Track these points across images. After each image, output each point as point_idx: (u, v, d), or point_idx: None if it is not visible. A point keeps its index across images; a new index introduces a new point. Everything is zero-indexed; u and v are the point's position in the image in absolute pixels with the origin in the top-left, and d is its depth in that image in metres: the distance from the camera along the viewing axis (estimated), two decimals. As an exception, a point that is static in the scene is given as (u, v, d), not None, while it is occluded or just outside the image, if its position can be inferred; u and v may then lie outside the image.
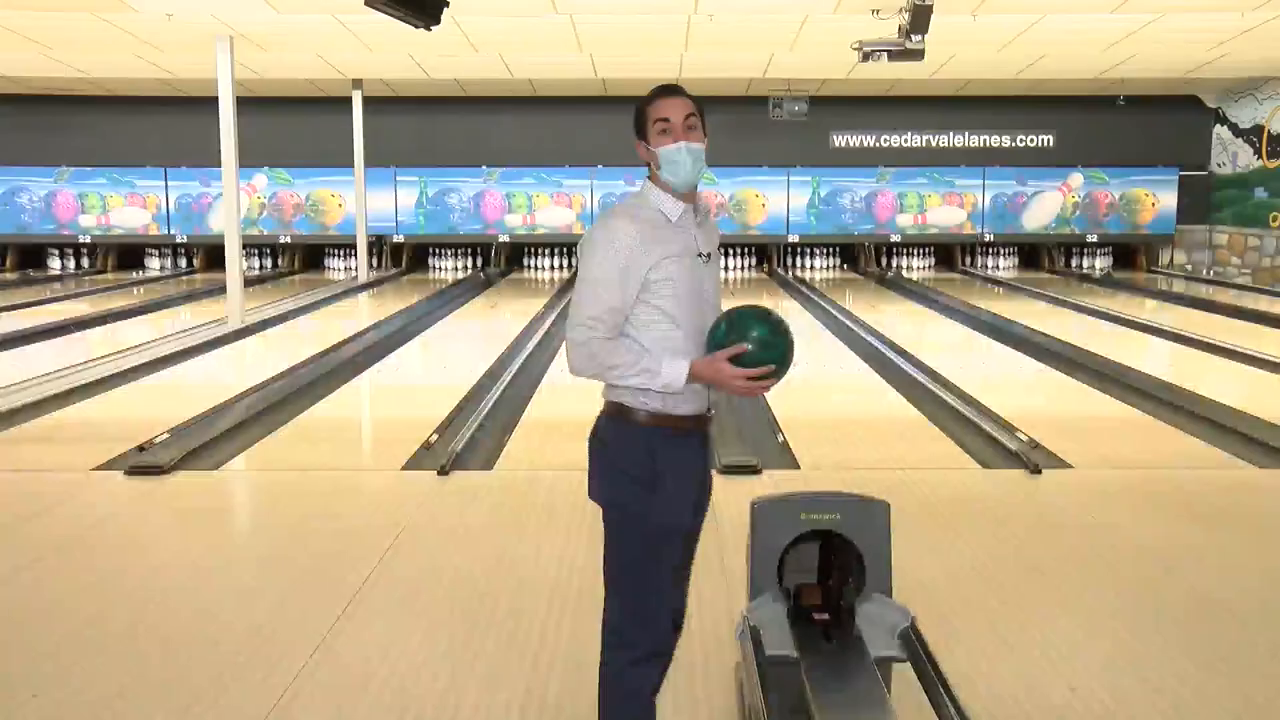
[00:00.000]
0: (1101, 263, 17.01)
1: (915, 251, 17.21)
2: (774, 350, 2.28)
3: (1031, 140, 16.60)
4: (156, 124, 16.33)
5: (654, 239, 2.29)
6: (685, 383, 2.27)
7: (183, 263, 17.14)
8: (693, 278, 2.32)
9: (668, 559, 2.32)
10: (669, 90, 2.42)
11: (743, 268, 17.13)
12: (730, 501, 4.64)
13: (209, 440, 5.83)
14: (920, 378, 7.60)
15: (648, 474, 2.29)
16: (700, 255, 2.36)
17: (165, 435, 5.79)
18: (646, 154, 2.40)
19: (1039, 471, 5.11)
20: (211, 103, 10.64)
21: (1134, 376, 7.61)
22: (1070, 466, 5.27)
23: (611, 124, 16.10)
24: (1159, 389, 7.18)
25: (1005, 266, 17.12)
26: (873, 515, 2.53)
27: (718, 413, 2.44)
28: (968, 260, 17.18)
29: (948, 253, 17.36)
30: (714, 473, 2.52)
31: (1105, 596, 3.62)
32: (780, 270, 16.67)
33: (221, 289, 11.70)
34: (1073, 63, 12.55)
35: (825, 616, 2.54)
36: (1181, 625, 3.39)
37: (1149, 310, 11.97)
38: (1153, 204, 16.53)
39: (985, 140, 16.60)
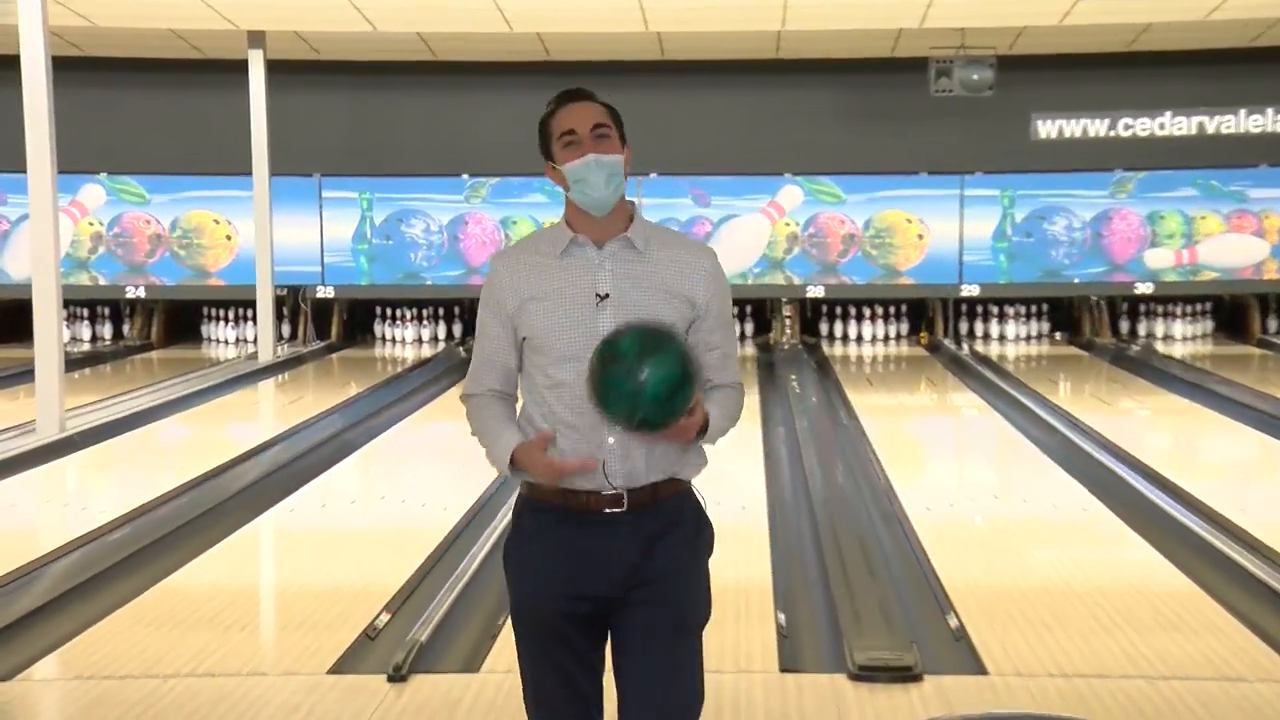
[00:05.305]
0: None
1: (1179, 310, 17.16)
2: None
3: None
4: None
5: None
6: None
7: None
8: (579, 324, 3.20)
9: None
10: (571, 95, 3.25)
11: (887, 337, 17.12)
12: (873, 729, 4.64)
13: (1, 629, 5.87)
14: (1191, 522, 7.52)
15: None
16: (598, 296, 3.19)
17: (-76, 621, 5.88)
18: (557, 176, 3.26)
19: None
20: (10, 66, 10.84)
21: None
22: None
23: (671, 105, 16.32)
24: None
25: (1338, 335, 17.00)
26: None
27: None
28: (1272, 324, 17.14)
29: (1237, 312, 17.34)
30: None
31: None
32: (948, 341, 16.68)
33: (24, 374, 11.87)
34: None
35: None
36: None
37: None
38: None
39: (1302, 124, 16.54)
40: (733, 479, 8.37)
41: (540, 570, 3.27)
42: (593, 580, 3.23)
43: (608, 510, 3.22)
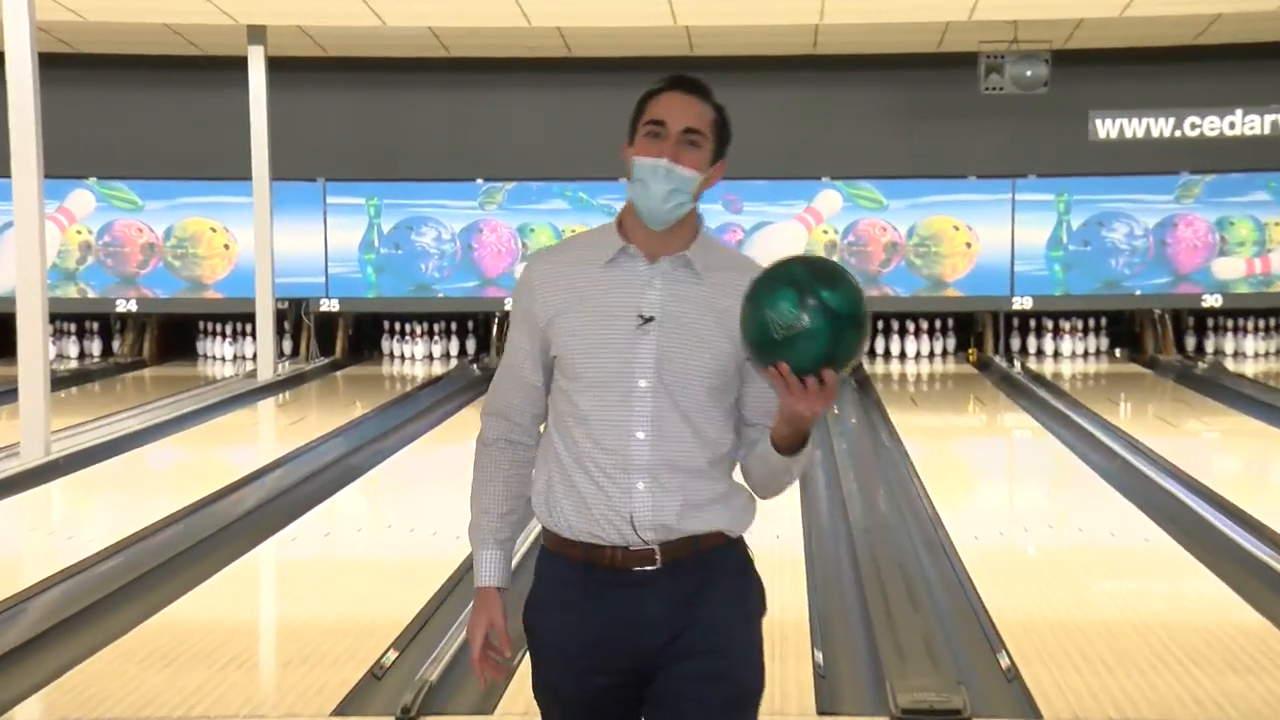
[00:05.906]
0: None
1: (1250, 325, 17.11)
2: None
3: None
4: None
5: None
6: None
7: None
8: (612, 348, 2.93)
9: None
10: (681, 84, 2.99)
11: (933, 353, 17.06)
12: (917, 779, 4.59)
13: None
14: (1263, 553, 7.46)
15: None
16: (641, 318, 2.93)
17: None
18: (627, 164, 3.00)
19: None
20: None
21: None
22: None
23: (701, 104, 16.27)
24: None
25: None
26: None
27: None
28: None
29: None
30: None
31: None
32: (1000, 359, 16.64)
33: (7, 394, 11.92)
34: None
35: None
36: None
37: None
38: None
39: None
40: (766, 505, 8.31)
41: (559, 646, 3.05)
42: (621, 653, 2.97)
43: (637, 569, 2.96)
